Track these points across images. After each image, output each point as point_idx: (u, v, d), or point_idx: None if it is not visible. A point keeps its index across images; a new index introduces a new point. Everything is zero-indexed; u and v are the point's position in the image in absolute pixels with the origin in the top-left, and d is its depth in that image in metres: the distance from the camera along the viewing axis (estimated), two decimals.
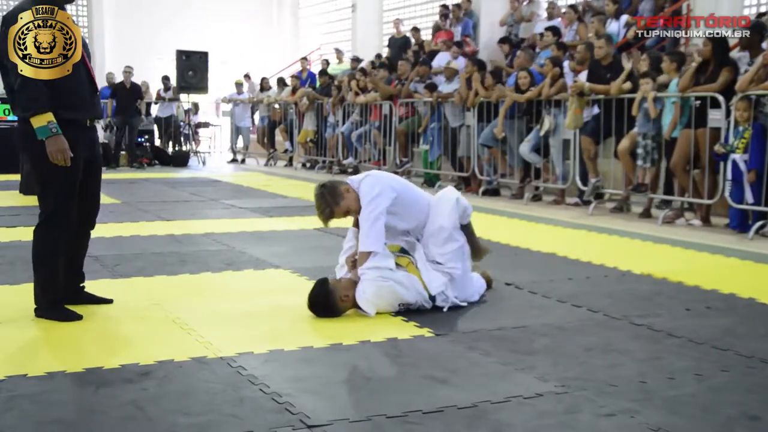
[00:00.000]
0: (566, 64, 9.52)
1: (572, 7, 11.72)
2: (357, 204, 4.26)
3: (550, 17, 12.26)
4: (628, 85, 8.20)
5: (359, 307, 4.14)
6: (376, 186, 4.25)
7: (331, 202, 4.23)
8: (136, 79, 16.56)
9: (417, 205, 4.42)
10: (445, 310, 4.27)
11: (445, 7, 14.30)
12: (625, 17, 10.53)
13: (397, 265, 4.27)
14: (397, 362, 3.47)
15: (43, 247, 4.04)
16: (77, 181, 4.05)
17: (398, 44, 14.83)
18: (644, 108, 7.91)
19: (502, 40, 12.09)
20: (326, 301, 4.10)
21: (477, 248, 4.55)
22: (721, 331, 3.93)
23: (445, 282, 4.28)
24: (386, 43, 15.81)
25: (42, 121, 3.81)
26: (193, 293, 4.75)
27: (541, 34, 10.94)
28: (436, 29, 14.18)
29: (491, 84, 9.98)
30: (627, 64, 8.35)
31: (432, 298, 4.25)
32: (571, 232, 7.24)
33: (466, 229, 4.49)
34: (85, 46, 4.10)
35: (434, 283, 4.25)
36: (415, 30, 14.63)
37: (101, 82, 16.35)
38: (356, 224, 4.47)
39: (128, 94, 14.73)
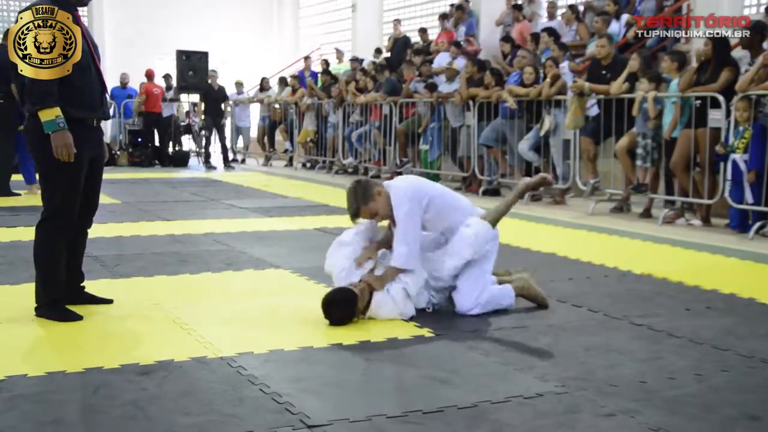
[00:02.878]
0: (565, 64, 9.52)
1: (571, 7, 11.71)
2: (386, 209, 4.19)
3: (551, 17, 12.26)
4: (627, 85, 8.20)
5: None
6: (406, 193, 4.15)
7: (360, 200, 4.18)
8: (135, 80, 16.66)
9: (452, 210, 4.29)
10: (429, 310, 4.23)
11: (452, 6, 14.30)
12: (625, 17, 10.53)
13: None
14: (397, 362, 3.47)
15: (44, 245, 4.06)
16: (81, 179, 4.08)
17: (399, 44, 14.85)
18: (644, 108, 7.91)
19: (505, 39, 12.09)
20: (348, 308, 4.00)
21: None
22: (721, 331, 3.93)
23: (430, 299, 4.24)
24: (386, 43, 15.80)
25: (50, 115, 3.85)
26: (193, 293, 4.75)
27: (535, 34, 10.93)
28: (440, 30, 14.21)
29: (491, 83, 9.98)
30: (631, 63, 8.34)
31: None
32: (571, 232, 7.24)
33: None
34: (95, 47, 4.14)
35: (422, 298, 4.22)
36: (423, 31, 14.64)
37: (114, 82, 16.52)
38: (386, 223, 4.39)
39: (216, 96, 15.14)
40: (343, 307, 4.00)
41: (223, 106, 15.49)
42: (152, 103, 15.34)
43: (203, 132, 15.48)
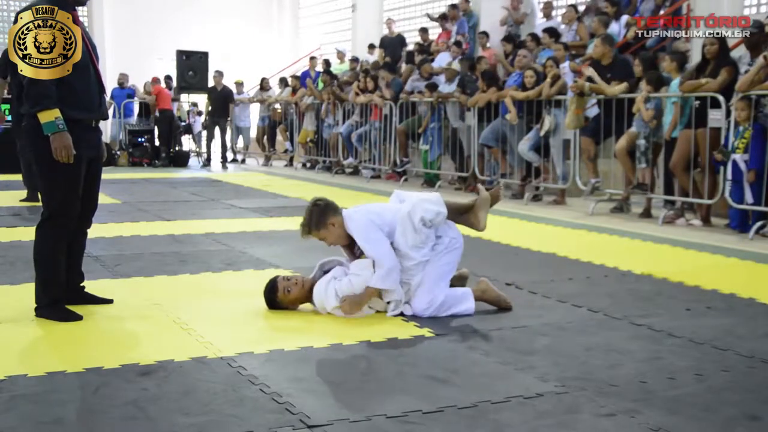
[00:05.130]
0: (567, 64, 9.52)
1: (573, 6, 11.69)
2: (336, 239, 4.32)
3: (547, 17, 12.25)
4: (627, 85, 8.20)
5: (312, 302, 4.28)
6: (360, 222, 4.23)
7: (313, 224, 4.31)
8: (135, 80, 16.67)
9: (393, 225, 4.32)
10: (395, 313, 4.18)
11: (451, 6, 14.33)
12: (625, 17, 10.53)
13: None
14: (397, 362, 3.47)
15: (44, 246, 4.06)
16: (80, 180, 4.08)
17: (393, 44, 14.86)
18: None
19: (506, 39, 12.08)
20: (272, 296, 4.30)
21: (471, 219, 4.40)
22: (721, 331, 3.93)
23: (401, 292, 4.19)
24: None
25: (50, 116, 3.85)
26: (193, 293, 4.75)
27: (533, 34, 10.92)
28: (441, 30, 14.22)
29: (484, 88, 9.99)
30: (636, 69, 8.35)
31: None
32: (571, 232, 7.24)
33: (452, 217, 4.34)
34: (94, 48, 4.14)
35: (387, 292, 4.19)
36: (423, 30, 14.66)
37: (113, 83, 16.55)
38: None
39: (219, 96, 15.12)
40: (266, 293, 4.31)
41: (231, 106, 15.45)
42: (165, 102, 15.45)
43: (204, 132, 15.53)
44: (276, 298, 4.30)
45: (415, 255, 4.19)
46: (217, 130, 15.42)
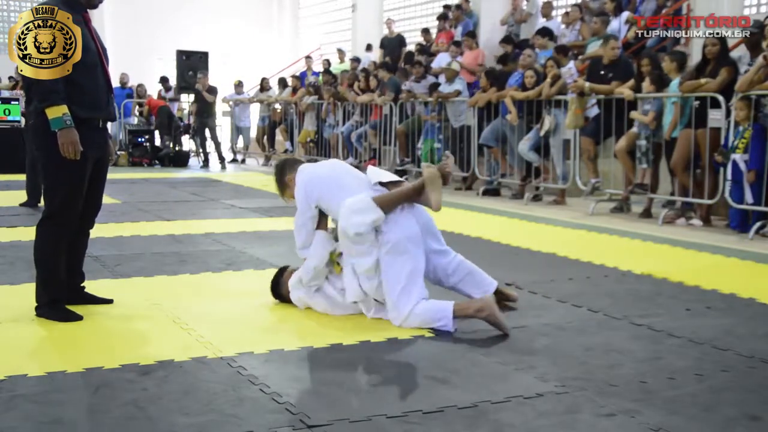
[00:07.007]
0: (571, 64, 9.49)
1: (577, 5, 11.68)
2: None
3: (547, 17, 12.24)
4: (633, 83, 8.20)
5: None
6: (299, 192, 4.33)
7: (279, 184, 4.59)
8: (136, 80, 16.69)
9: (337, 192, 4.19)
10: (369, 317, 4.09)
11: (447, 7, 14.31)
12: (626, 14, 10.52)
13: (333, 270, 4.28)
14: (397, 362, 3.47)
15: (44, 245, 4.06)
16: (85, 179, 4.08)
17: (393, 44, 14.86)
18: (644, 109, 7.92)
19: (504, 40, 12.08)
20: (275, 289, 4.47)
21: (423, 200, 4.11)
22: (721, 331, 3.93)
23: (360, 291, 4.06)
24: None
25: (57, 112, 3.86)
26: (193, 293, 4.75)
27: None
28: (438, 30, 14.22)
29: (487, 87, 9.99)
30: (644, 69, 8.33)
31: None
32: (571, 232, 7.24)
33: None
34: (104, 49, 4.15)
35: (349, 292, 4.11)
36: (425, 31, 14.67)
37: (114, 82, 16.57)
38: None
39: (202, 98, 14.95)
40: (272, 288, 4.49)
41: (213, 99, 15.09)
42: (159, 103, 15.47)
43: (196, 133, 15.47)
44: (281, 293, 4.43)
45: (365, 261, 4.02)
46: (207, 132, 15.30)
